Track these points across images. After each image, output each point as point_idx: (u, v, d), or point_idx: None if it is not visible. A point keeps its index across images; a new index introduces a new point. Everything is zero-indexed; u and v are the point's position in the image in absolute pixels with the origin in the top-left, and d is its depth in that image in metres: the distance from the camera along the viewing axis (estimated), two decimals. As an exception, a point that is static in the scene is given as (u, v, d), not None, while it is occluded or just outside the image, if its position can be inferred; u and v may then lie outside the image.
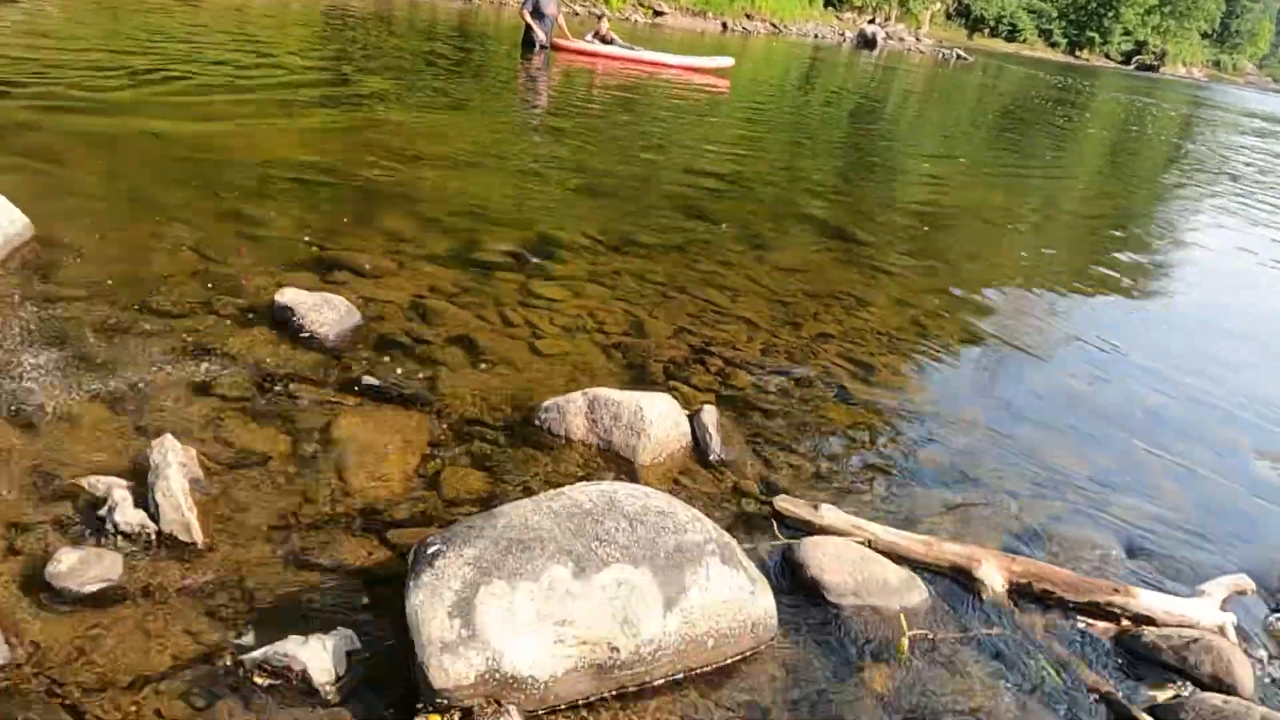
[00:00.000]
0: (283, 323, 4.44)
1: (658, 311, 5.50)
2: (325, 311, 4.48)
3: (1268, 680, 3.21)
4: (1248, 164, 20.04)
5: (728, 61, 20.83)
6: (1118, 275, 8.45)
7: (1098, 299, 7.56)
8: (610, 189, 8.45)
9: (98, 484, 3.08)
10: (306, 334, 4.38)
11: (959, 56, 47.64)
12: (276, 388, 3.96)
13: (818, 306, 6.04)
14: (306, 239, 5.67)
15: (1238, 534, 4.11)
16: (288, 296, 4.53)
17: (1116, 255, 9.25)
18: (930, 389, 5.15)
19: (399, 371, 4.26)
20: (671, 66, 19.78)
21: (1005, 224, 9.97)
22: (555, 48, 18.42)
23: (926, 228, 8.86)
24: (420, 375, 4.27)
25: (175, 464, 3.13)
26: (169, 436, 3.28)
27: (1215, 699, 2.88)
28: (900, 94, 25.91)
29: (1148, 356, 6.22)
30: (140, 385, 3.80)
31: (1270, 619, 3.54)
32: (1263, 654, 3.34)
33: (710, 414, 4.17)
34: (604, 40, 19.50)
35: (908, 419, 4.72)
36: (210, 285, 4.78)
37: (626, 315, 5.37)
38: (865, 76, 29.92)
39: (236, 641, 2.65)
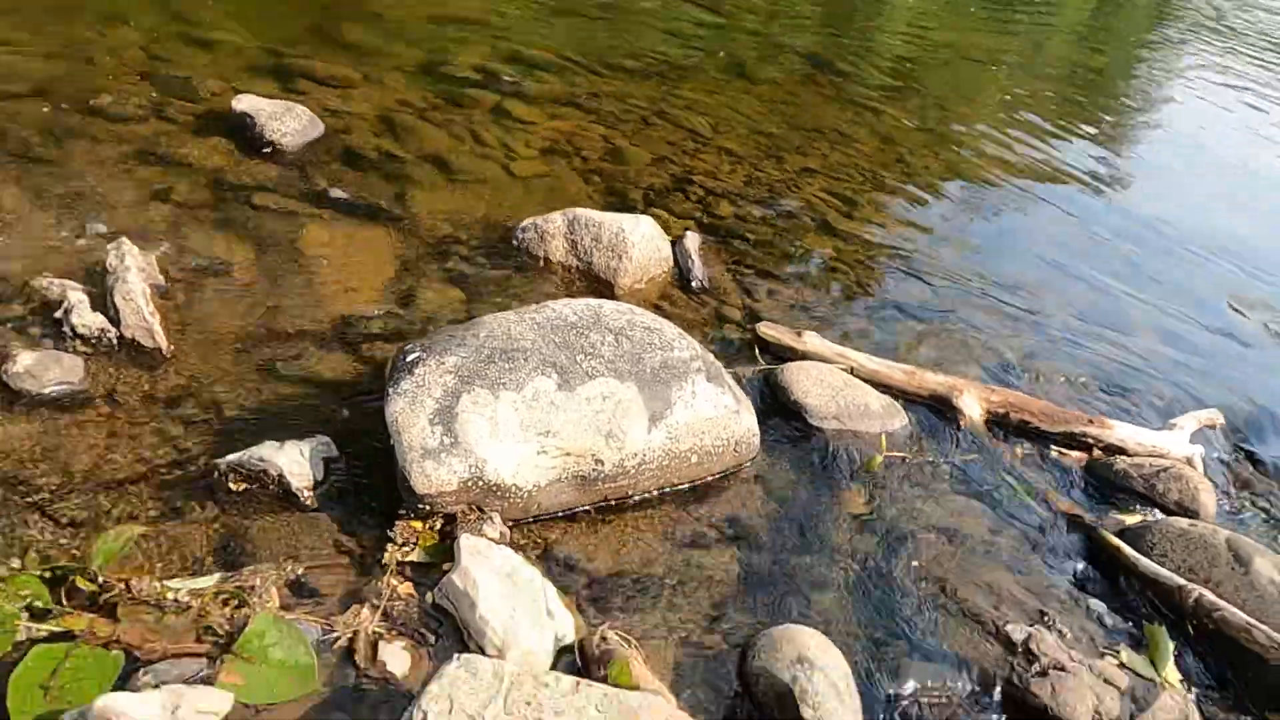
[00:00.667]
0: (241, 130, 4.17)
1: (638, 138, 5.27)
2: (287, 120, 4.20)
3: (1228, 508, 3.30)
4: (1247, 20, 19.49)
5: None
6: (1106, 119, 8.26)
7: (1083, 142, 7.39)
8: (589, 8, 7.96)
9: (51, 285, 2.92)
10: (267, 143, 4.12)
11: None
12: (238, 197, 3.74)
13: (801, 140, 5.83)
14: (263, 46, 5.28)
15: (1209, 373, 4.15)
16: (246, 103, 4.23)
17: (1105, 99, 9.02)
18: (914, 225, 5.04)
19: (368, 186, 4.05)
20: None
21: (991, 64, 9.63)
22: None
23: (912, 65, 8.52)
24: (391, 191, 4.06)
25: (134, 267, 2.96)
26: (126, 240, 3.10)
27: (1182, 522, 2.95)
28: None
29: (1132, 200, 6.14)
30: (92, 189, 3.57)
31: (1236, 452, 3.62)
32: (1226, 483, 3.42)
33: (693, 240, 4.04)
34: None
35: (891, 253, 4.64)
36: (161, 89, 4.45)
37: (605, 141, 5.13)
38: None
39: (208, 447, 2.57)
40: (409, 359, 2.57)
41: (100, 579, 2.07)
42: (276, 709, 1.92)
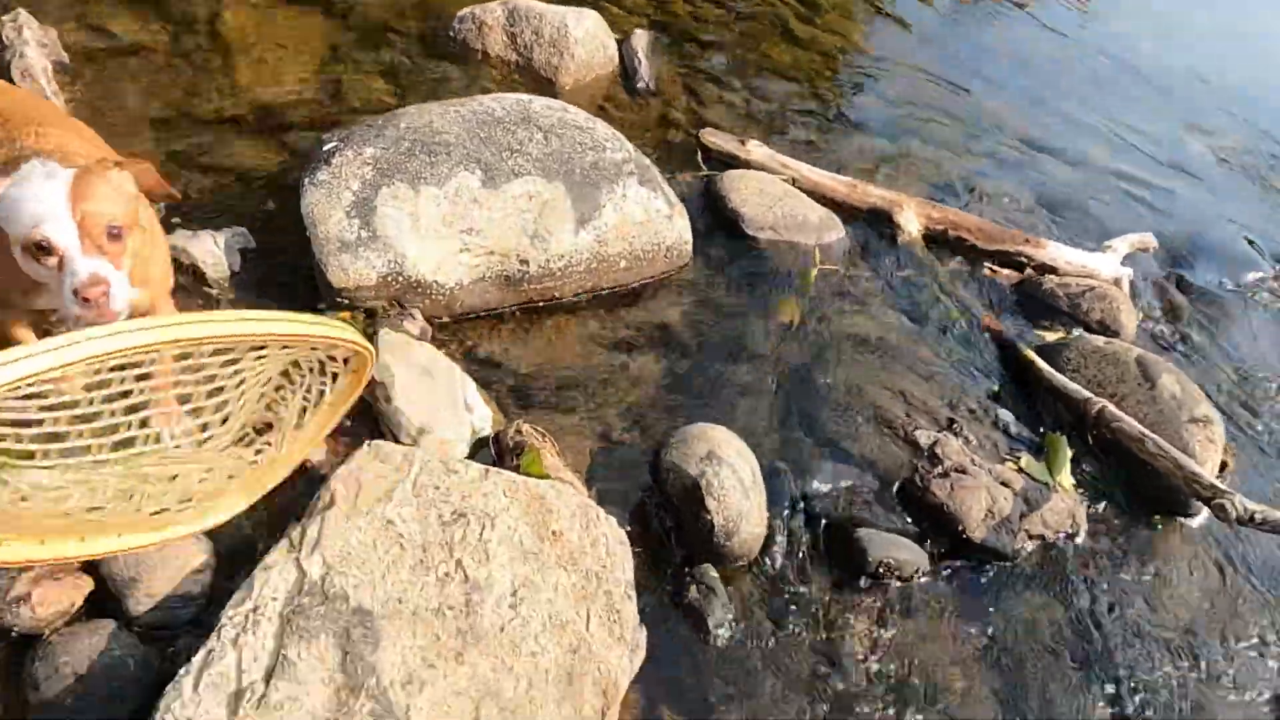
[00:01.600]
0: (154, -104, 3.81)
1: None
2: (203, -114, 3.83)
3: (1150, 329, 3.38)
4: None
5: None
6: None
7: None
8: None
9: (-58, 58, 2.73)
10: (183, -88, 3.77)
11: None
12: (150, -28, 3.47)
13: (768, -65, 5.47)
14: None
15: (1154, 199, 4.15)
16: None
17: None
18: (879, 35, 4.84)
19: (294, -36, 3.76)
20: None
21: None
22: None
23: None
24: (319, -29, 3.78)
25: (34, 42, 2.77)
26: (23, 11, 2.88)
27: (1098, 340, 3.03)
28: None
29: (1110, 22, 5.91)
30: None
31: (1167, 276, 3.67)
32: (1151, 306, 3.49)
33: (641, 39, 3.85)
34: None
35: (850, 65, 4.47)
36: None
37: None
38: None
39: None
40: (326, 149, 2.48)
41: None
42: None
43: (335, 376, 1.75)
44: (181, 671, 1.55)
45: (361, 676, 1.58)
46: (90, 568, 1.81)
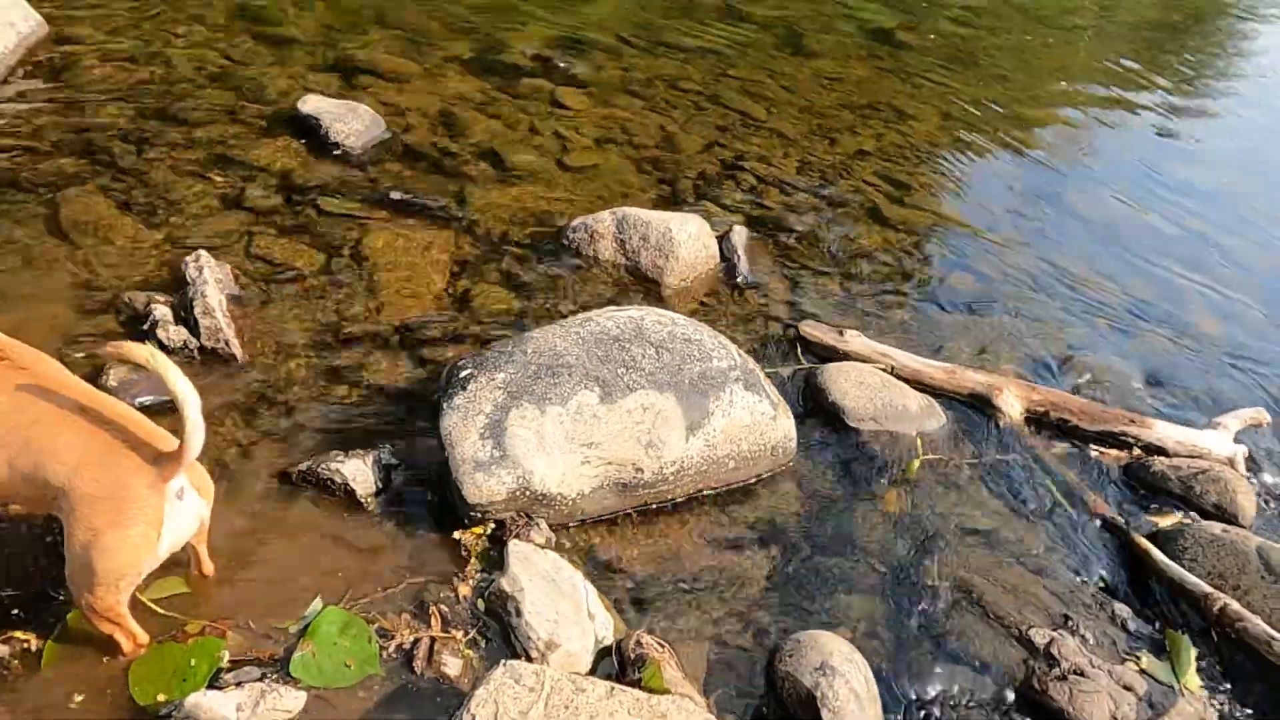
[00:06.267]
0: (308, 131, 4.37)
1: (690, 124, 5.33)
2: (350, 121, 4.38)
3: (1272, 509, 3.32)
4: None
5: None
6: (1176, 93, 7.98)
7: (1149, 117, 7.18)
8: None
9: (138, 299, 3.16)
10: (333, 143, 4.31)
11: None
12: (305, 201, 3.95)
13: (856, 119, 5.81)
14: (328, 39, 5.46)
15: (1265, 369, 4.11)
16: (312, 105, 4.43)
17: (1177, 70, 8.69)
18: (965, 209, 5.03)
19: (427, 185, 4.22)
20: None
21: (1060, 26, 9.34)
22: None
23: (977, 29, 8.33)
24: (449, 190, 4.23)
25: (211, 280, 3.19)
26: (204, 253, 3.33)
27: (1215, 528, 2.99)
28: None
29: (1199, 182, 5.96)
30: (169, 196, 3.81)
31: (1282, 451, 3.61)
32: (1271, 484, 3.42)
33: (739, 235, 4.13)
34: None
35: (940, 241, 4.66)
36: (232, 89, 4.67)
37: (658, 127, 5.21)
38: None
39: (280, 453, 2.79)
40: (462, 375, 2.75)
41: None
42: (340, 707, 2.15)
43: None
44: None
45: None
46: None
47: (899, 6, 8.78)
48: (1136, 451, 3.41)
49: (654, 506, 2.85)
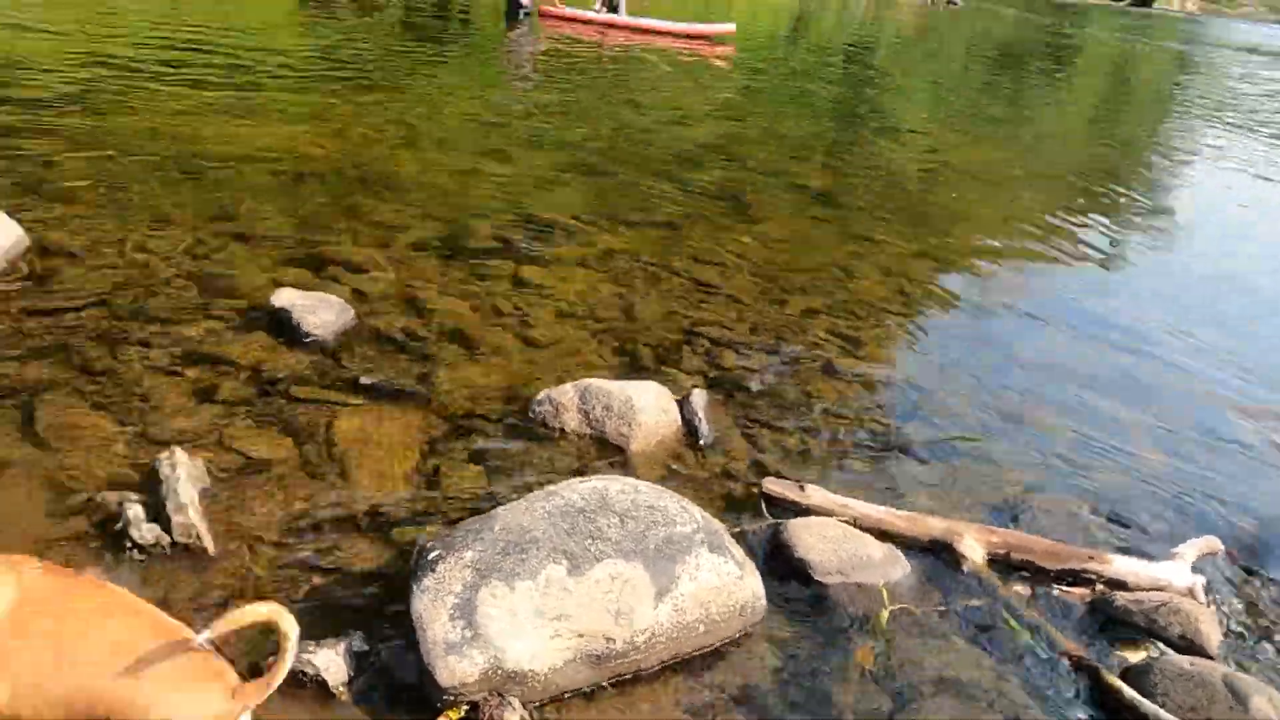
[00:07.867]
0: (280, 324, 4.54)
1: (649, 293, 5.60)
2: (321, 312, 4.58)
3: (1234, 636, 3.37)
4: (1245, 106, 19.92)
5: (729, 27, 18.88)
6: (1106, 234, 8.52)
7: (1084, 261, 7.63)
8: (598, 165, 8.48)
9: (111, 499, 3.22)
10: (304, 334, 4.48)
11: (948, 1, 46.88)
12: (277, 391, 4.07)
13: (805, 280, 6.14)
14: (296, 234, 5.74)
15: (1213, 493, 4.25)
16: (284, 298, 4.63)
17: (1106, 212, 9.31)
18: (915, 360, 5.27)
19: (395, 369, 4.38)
20: (666, 33, 18.16)
21: (993, 181, 10.01)
22: (542, 14, 18.14)
23: (915, 188, 8.92)
24: (416, 372, 4.38)
25: (184, 476, 3.26)
26: (178, 449, 3.41)
27: (1183, 662, 3.04)
28: (890, 45, 25.67)
29: (1133, 318, 6.32)
30: (143, 394, 3.92)
31: (1241, 578, 3.69)
32: (1231, 611, 3.49)
33: (699, 398, 4.29)
34: (611, 7, 18.31)
35: (893, 391, 4.85)
36: (206, 288, 4.88)
37: (617, 299, 5.47)
38: (855, 25, 29.60)
39: (249, 646, 2.79)
40: (430, 556, 2.81)
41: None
42: None
43: None
44: None
45: None
46: None
47: (838, 169, 9.37)
48: (1099, 587, 3.49)
49: (627, 676, 2.86)
